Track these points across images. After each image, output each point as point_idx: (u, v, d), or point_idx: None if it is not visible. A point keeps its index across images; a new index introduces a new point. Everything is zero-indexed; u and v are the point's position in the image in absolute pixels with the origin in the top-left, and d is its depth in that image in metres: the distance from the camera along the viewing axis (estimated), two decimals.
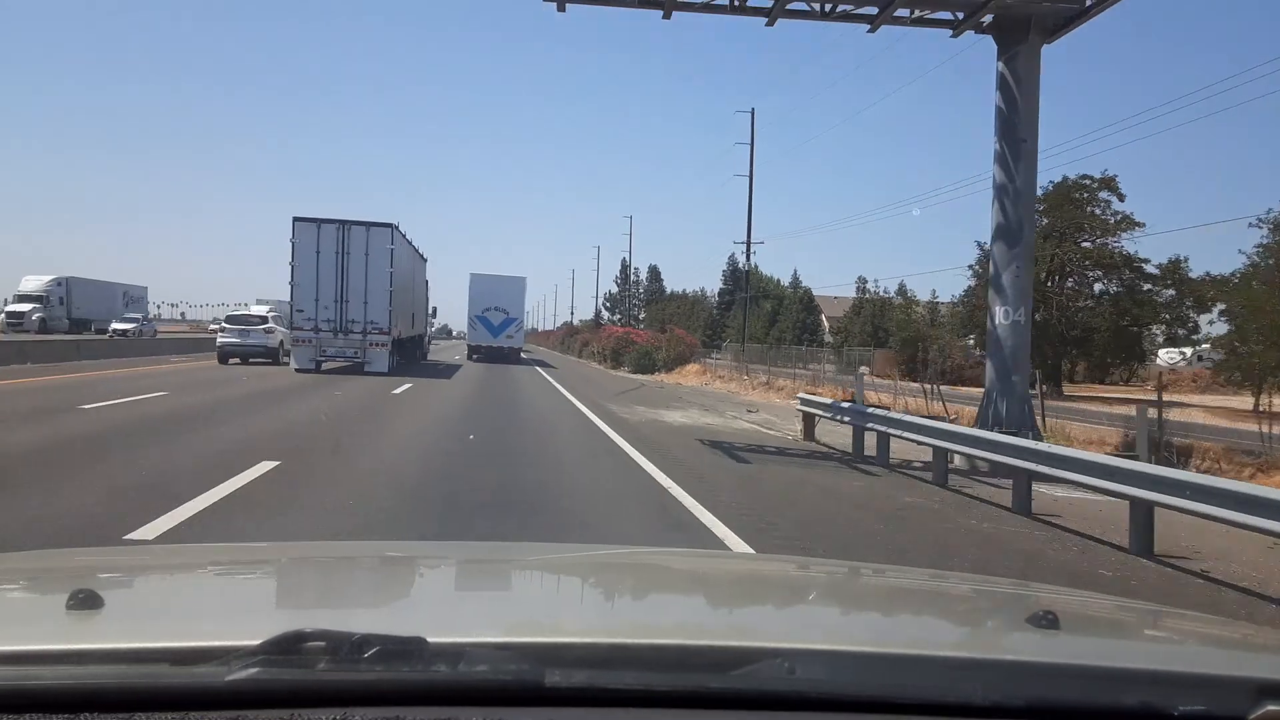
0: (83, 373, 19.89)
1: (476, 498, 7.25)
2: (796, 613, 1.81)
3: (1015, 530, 7.47)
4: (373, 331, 23.24)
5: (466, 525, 6.30)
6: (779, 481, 9.55)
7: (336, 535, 5.65)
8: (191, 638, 1.14)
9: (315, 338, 23.18)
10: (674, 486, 8.35)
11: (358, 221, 23.14)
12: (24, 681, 1.00)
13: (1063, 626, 1.37)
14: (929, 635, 1.62)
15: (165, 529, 5.53)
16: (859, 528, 7.31)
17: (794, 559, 4.65)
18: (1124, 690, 1.13)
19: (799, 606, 1.88)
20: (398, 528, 6.12)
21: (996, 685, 1.12)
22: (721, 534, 6.44)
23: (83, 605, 1.21)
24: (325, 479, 7.87)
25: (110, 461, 8.17)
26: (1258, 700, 1.08)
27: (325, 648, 1.02)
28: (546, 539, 5.66)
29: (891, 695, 1.10)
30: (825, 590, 2.06)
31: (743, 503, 7.84)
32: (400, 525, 6.23)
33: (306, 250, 22.73)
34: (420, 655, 1.04)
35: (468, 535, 5.83)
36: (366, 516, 6.34)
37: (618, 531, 6.61)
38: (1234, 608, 5.27)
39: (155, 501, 6.19)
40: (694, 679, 1.09)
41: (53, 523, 5.63)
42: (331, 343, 23.24)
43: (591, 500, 7.86)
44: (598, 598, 1.89)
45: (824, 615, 1.79)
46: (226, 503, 6.47)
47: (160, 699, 0.99)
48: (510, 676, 1.04)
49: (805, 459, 11.74)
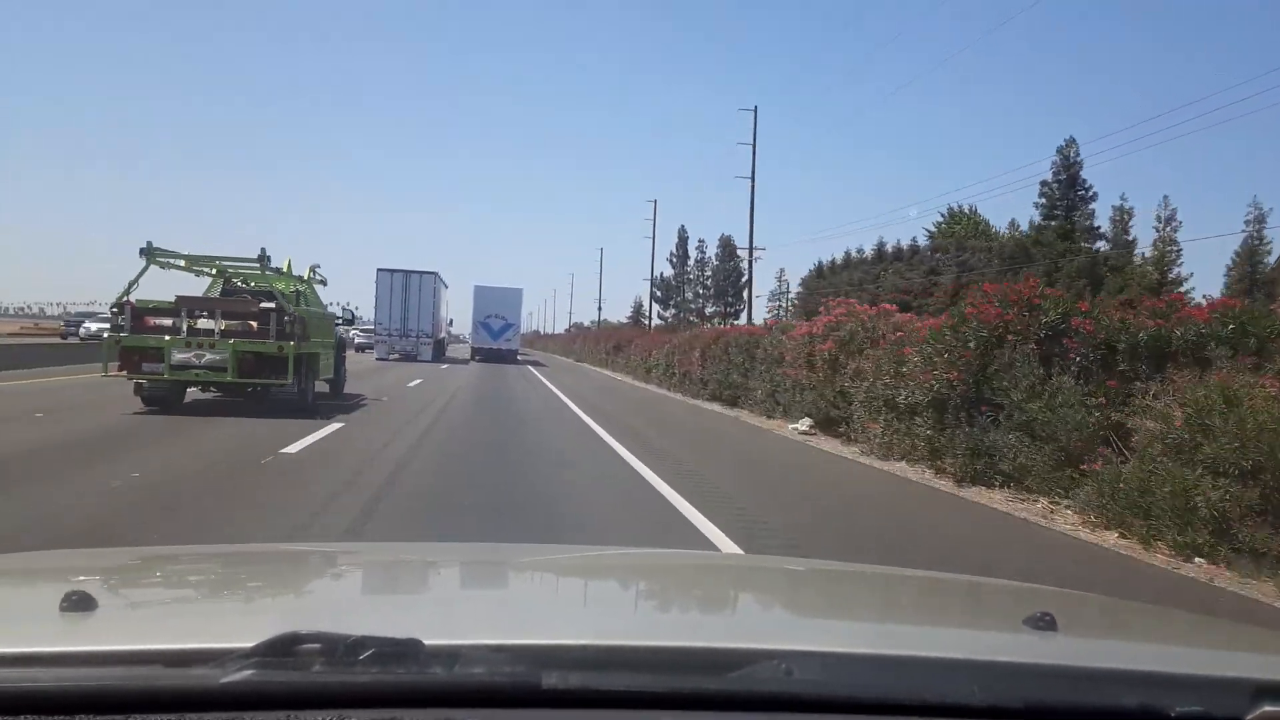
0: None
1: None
2: (793, 614, 1.81)
3: None
4: (421, 336, 37.35)
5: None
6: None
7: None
8: (186, 639, 1.13)
9: (388, 339, 37.29)
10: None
11: (412, 270, 37.34)
12: (18, 684, 0.99)
13: (1060, 627, 1.37)
14: (926, 636, 1.62)
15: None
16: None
17: (791, 560, 4.65)
18: (1121, 691, 1.13)
19: (796, 608, 1.88)
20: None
21: (994, 686, 1.12)
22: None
23: (76, 607, 1.20)
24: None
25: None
26: (1255, 701, 1.09)
27: (321, 649, 1.02)
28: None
29: (889, 696, 1.09)
30: (822, 591, 2.06)
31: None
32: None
33: (384, 287, 36.74)
34: (416, 657, 1.03)
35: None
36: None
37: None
38: (1231, 609, 5.28)
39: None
40: (691, 681, 1.09)
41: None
42: (397, 343, 37.15)
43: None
44: (594, 599, 1.89)
45: (821, 616, 1.80)
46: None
47: (155, 701, 0.98)
48: (506, 678, 1.04)
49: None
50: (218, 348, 12.07)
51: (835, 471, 10.41)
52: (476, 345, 44.00)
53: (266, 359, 12.24)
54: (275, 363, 12.25)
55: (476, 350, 43.68)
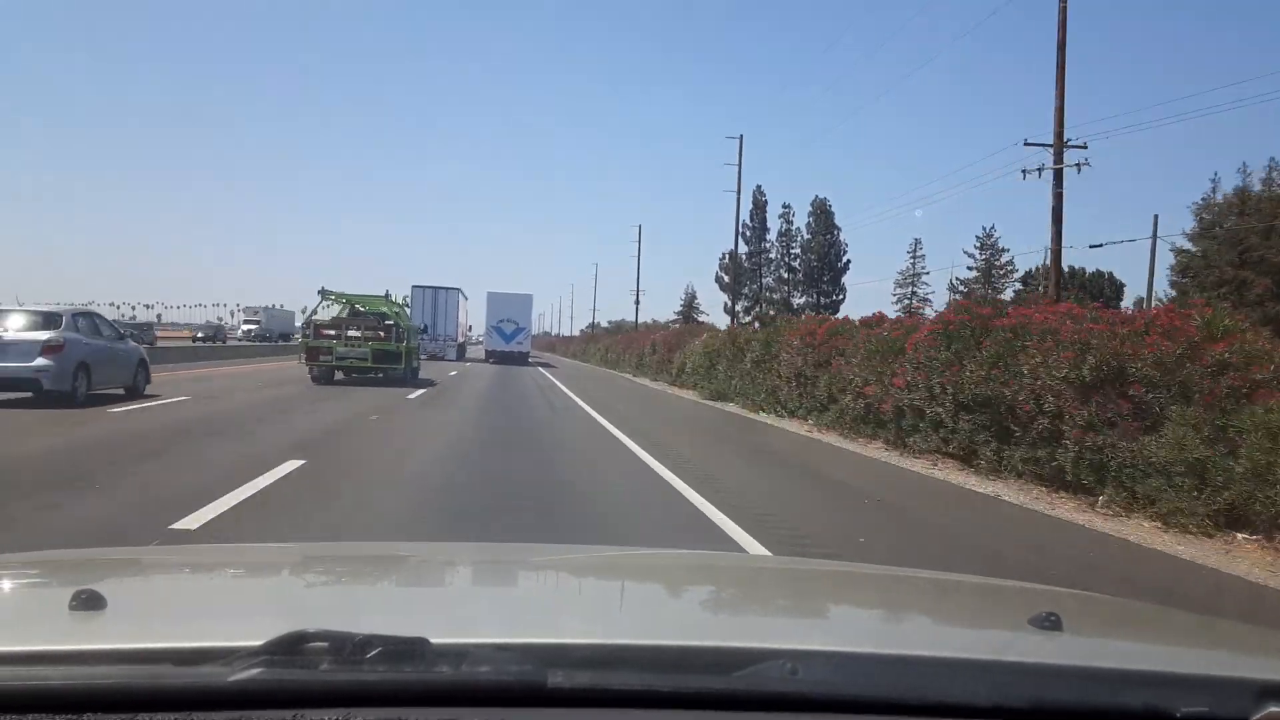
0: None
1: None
2: (799, 613, 1.81)
3: None
4: (448, 339, 44.52)
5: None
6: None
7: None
8: (195, 638, 1.14)
9: (421, 341, 47.24)
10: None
11: (440, 286, 44.77)
12: (28, 682, 1.00)
13: (1065, 627, 1.37)
14: (931, 636, 1.62)
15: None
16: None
17: (796, 559, 4.65)
18: (1126, 691, 1.13)
19: (801, 607, 1.88)
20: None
21: (999, 686, 1.12)
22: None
23: (86, 606, 1.21)
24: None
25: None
26: (1260, 702, 1.08)
27: (328, 648, 1.02)
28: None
29: (894, 696, 1.10)
30: (828, 591, 2.06)
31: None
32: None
33: (417, 300, 41.25)
34: (423, 656, 1.04)
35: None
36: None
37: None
38: (1236, 608, 5.26)
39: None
40: (696, 680, 1.09)
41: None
42: (428, 345, 40.54)
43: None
44: (600, 598, 1.89)
45: (826, 616, 1.79)
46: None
47: (163, 699, 0.99)
48: (513, 677, 1.05)
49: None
50: (362, 347, 21.39)
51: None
52: (490, 348, 47.04)
53: (389, 353, 21.69)
54: (394, 355, 21.76)
55: (490, 353, 46.65)
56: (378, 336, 21.61)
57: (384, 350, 21.47)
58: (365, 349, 21.22)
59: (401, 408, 15.80)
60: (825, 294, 54.93)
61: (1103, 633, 1.70)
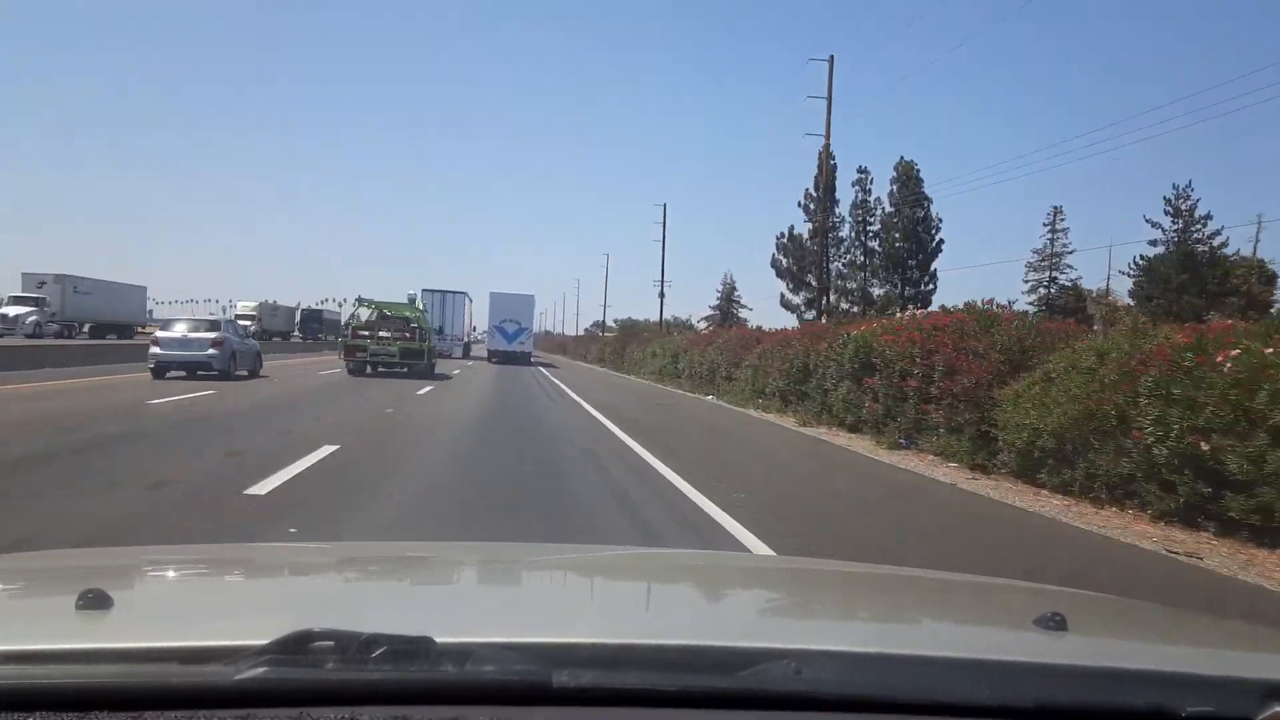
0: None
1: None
2: (803, 613, 1.81)
3: None
4: (454, 339, 46.70)
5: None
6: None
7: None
8: (200, 637, 1.14)
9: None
10: None
11: (448, 290, 47.21)
12: (34, 680, 1.00)
13: (1070, 627, 1.37)
14: (936, 636, 1.62)
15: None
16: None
17: (801, 559, 4.65)
18: (1131, 691, 1.13)
19: (806, 607, 1.88)
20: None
21: (1004, 686, 1.12)
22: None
23: (92, 605, 1.21)
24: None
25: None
26: (1265, 702, 1.08)
27: (333, 647, 1.02)
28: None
29: (899, 696, 1.09)
30: (832, 591, 2.06)
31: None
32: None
33: (426, 303, 41.54)
34: (428, 655, 1.04)
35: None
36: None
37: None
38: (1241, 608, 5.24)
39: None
40: (701, 679, 1.09)
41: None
42: (438, 344, 44.06)
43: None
44: (605, 598, 1.89)
45: (831, 616, 1.79)
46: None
47: (169, 698, 0.99)
48: (518, 676, 1.05)
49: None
50: (391, 345, 25.69)
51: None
52: (492, 348, 46.84)
53: (414, 351, 26.02)
54: (417, 353, 26.08)
55: (493, 353, 46.40)
56: (404, 337, 26.01)
57: (409, 349, 25.81)
58: (394, 348, 25.61)
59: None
60: (912, 282, 42.32)
61: (1108, 633, 1.70)
